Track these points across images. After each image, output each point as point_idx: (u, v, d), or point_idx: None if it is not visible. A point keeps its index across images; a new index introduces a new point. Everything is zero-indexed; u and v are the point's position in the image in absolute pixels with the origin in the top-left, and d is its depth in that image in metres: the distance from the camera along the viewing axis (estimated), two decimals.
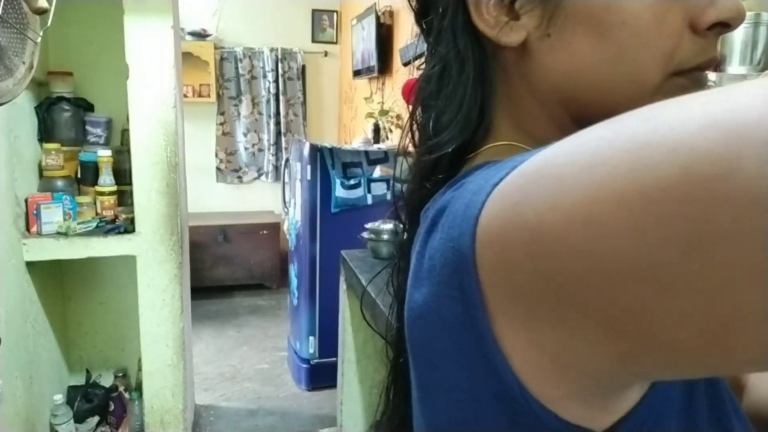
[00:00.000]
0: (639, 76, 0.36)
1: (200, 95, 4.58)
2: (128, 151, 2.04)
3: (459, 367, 0.32)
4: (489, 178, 0.30)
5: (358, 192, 2.80)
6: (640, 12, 0.34)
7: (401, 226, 0.47)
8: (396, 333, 0.47)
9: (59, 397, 2.10)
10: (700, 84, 0.37)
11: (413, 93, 0.45)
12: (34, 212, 1.95)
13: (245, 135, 4.78)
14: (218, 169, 4.80)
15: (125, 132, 2.17)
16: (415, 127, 0.44)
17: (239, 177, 4.83)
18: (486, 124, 0.41)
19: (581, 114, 0.38)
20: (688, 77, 0.36)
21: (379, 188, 2.84)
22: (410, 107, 0.46)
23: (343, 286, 2.10)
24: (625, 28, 0.35)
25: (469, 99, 0.40)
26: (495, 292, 0.29)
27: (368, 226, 2.08)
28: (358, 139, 3.49)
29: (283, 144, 4.76)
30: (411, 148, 0.46)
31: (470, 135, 0.41)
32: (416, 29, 0.46)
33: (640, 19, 0.34)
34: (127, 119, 2.02)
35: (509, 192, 0.28)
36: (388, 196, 2.78)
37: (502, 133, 0.41)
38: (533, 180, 0.27)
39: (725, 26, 0.35)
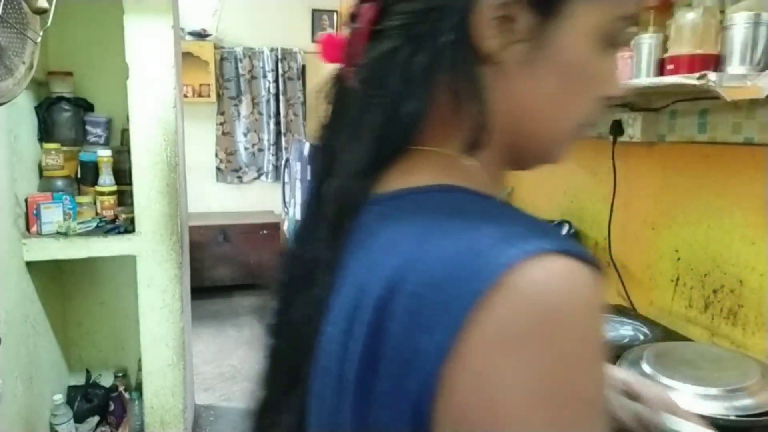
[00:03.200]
0: (567, 123, 0.46)
1: (200, 95, 4.58)
2: (128, 151, 2.04)
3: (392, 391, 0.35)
4: (485, 238, 0.33)
5: None
6: (590, 76, 0.44)
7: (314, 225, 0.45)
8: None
9: (59, 397, 2.10)
10: (587, 132, 0.47)
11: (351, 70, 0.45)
12: (34, 212, 1.94)
13: (245, 135, 4.78)
14: (218, 169, 4.80)
15: (125, 132, 2.16)
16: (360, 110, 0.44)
17: (239, 177, 4.83)
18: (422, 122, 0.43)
19: (517, 137, 0.45)
20: (581, 128, 0.47)
21: None
22: (344, 69, 0.46)
23: None
24: (580, 86, 0.44)
25: (423, 97, 0.42)
26: (447, 409, 0.32)
27: None
28: None
29: (283, 144, 4.76)
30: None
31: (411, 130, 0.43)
32: None
33: (589, 83, 0.44)
34: (127, 119, 2.02)
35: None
36: None
37: (437, 134, 0.43)
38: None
39: (613, 99, 0.46)
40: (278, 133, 4.79)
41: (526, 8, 0.40)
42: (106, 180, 2.08)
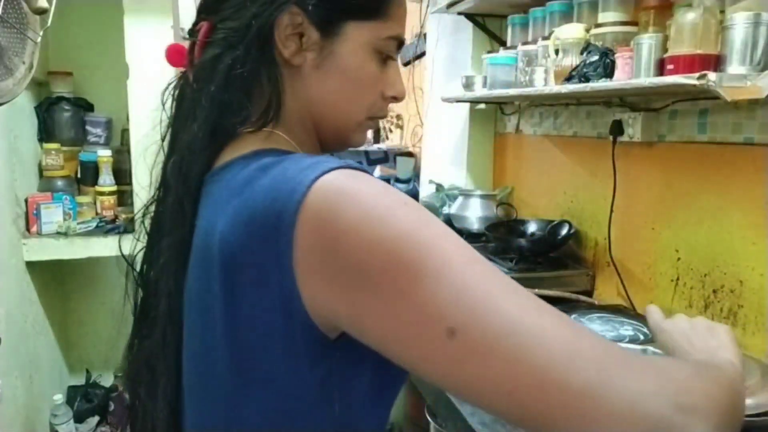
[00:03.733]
0: (354, 114, 0.61)
1: None
2: (128, 151, 2.04)
3: (257, 288, 0.46)
4: (303, 171, 0.45)
5: None
6: (366, 79, 0.59)
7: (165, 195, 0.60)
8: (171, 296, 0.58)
9: (59, 397, 2.10)
10: (375, 124, 0.66)
11: (191, 67, 0.60)
12: (34, 212, 1.95)
13: None
14: None
15: (125, 132, 2.16)
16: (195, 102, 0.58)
17: None
18: (246, 111, 0.56)
19: (317, 124, 0.60)
20: (371, 120, 0.62)
21: None
22: (190, 74, 0.60)
23: None
24: (360, 87, 0.59)
25: (243, 92, 0.55)
26: (307, 256, 0.43)
27: None
28: None
29: None
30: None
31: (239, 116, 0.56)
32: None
33: (369, 85, 0.59)
34: (127, 119, 2.02)
35: (335, 205, 0.43)
36: None
37: (260, 121, 0.57)
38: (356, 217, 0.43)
39: (395, 99, 0.62)
40: None
41: (311, 27, 0.55)
42: (106, 180, 2.08)
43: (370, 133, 3.55)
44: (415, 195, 2.71)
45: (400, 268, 0.41)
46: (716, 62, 1.10)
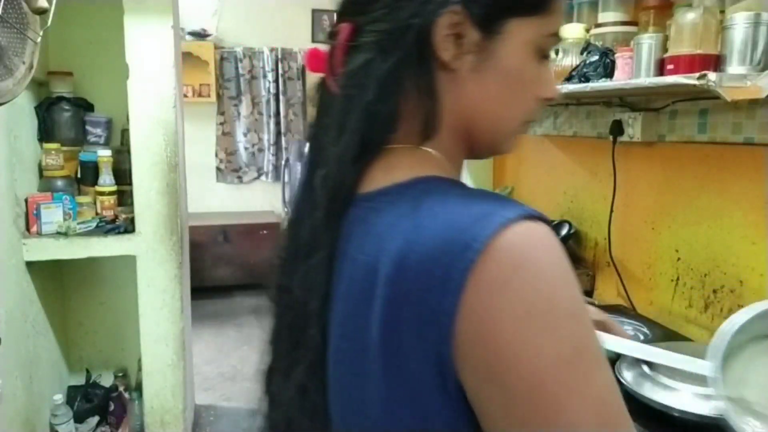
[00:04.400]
0: (512, 120, 0.56)
1: (200, 95, 4.58)
2: (128, 151, 2.04)
3: (416, 338, 0.44)
4: (477, 221, 0.42)
5: None
6: (527, 81, 0.54)
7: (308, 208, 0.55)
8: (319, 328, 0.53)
9: (59, 397, 2.10)
10: (527, 129, 0.59)
11: (331, 74, 0.56)
12: (34, 212, 1.95)
13: (245, 135, 4.78)
14: (218, 169, 4.80)
15: (125, 132, 2.16)
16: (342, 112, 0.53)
17: (239, 177, 4.83)
18: (399, 123, 0.53)
19: (469, 133, 0.55)
20: (525, 125, 0.57)
21: None
22: (330, 79, 0.56)
23: None
24: (520, 89, 0.54)
25: (394, 101, 0.52)
26: (464, 350, 0.42)
27: None
28: None
29: (283, 144, 4.75)
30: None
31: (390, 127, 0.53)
32: None
33: (528, 87, 0.54)
34: (127, 119, 2.02)
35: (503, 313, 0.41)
36: None
37: (407, 132, 0.53)
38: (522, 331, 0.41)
39: (550, 100, 0.58)
40: (278, 133, 4.79)
41: (472, 27, 0.51)
42: (106, 180, 2.08)
43: None
44: None
45: (533, 398, 0.40)
46: (716, 62, 1.10)
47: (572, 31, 1.48)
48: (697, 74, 1.02)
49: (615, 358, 1.08)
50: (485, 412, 0.42)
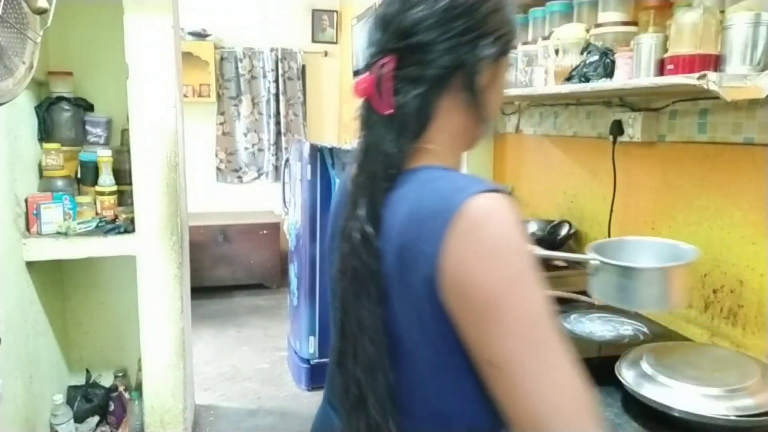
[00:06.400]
0: (495, 115, 0.78)
1: (200, 95, 4.58)
2: (128, 151, 2.04)
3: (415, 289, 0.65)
4: (462, 189, 0.63)
5: None
6: (500, 95, 0.78)
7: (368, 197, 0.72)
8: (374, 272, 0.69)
9: (59, 397, 2.10)
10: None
11: (376, 100, 0.72)
12: (34, 212, 1.95)
13: (245, 135, 4.78)
14: (218, 169, 4.80)
15: (125, 132, 2.16)
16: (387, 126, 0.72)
17: (239, 177, 4.83)
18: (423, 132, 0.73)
19: (473, 133, 0.77)
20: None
21: None
22: (372, 103, 0.72)
23: None
24: (500, 98, 0.79)
25: (430, 115, 0.72)
26: (451, 237, 0.61)
27: None
28: None
29: (283, 144, 4.75)
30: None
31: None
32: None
33: (499, 99, 0.78)
34: (127, 119, 2.02)
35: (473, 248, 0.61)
36: None
37: (434, 138, 0.72)
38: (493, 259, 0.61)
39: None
40: (278, 133, 4.79)
41: (490, 66, 0.71)
42: (106, 180, 2.08)
43: None
44: None
45: (489, 306, 0.60)
46: (716, 62, 1.10)
47: (572, 31, 1.48)
48: (697, 74, 1.02)
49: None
50: (458, 316, 0.62)
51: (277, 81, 4.70)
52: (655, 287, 1.04)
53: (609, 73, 1.33)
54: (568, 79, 1.42)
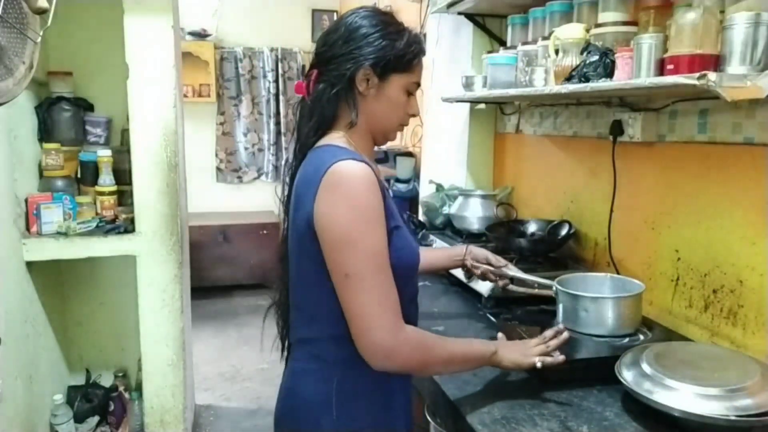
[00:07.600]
0: (391, 124, 1.08)
1: (200, 95, 4.58)
2: (128, 151, 2.04)
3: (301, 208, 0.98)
4: (334, 156, 0.95)
5: None
6: (399, 105, 1.06)
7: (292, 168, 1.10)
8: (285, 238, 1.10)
9: (59, 397, 2.11)
10: (402, 129, 1.12)
11: (308, 95, 1.06)
12: (34, 212, 1.95)
13: (245, 135, 4.78)
14: (218, 169, 4.80)
15: (125, 132, 2.16)
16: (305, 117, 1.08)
17: (239, 177, 4.83)
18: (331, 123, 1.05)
19: (372, 129, 1.06)
20: (401, 126, 1.10)
21: None
22: (305, 100, 1.07)
23: None
24: (395, 109, 1.06)
25: (334, 109, 1.04)
26: (320, 192, 0.93)
27: None
28: None
29: (283, 144, 4.76)
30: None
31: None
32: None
33: (398, 107, 1.06)
34: (127, 119, 2.02)
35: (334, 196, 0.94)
36: None
37: (339, 129, 1.04)
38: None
39: (414, 116, 1.10)
40: (278, 133, 4.79)
41: (374, 76, 1.02)
42: (106, 180, 2.08)
43: None
44: (415, 195, 2.71)
45: (337, 243, 0.92)
46: (716, 62, 1.10)
47: (572, 31, 1.48)
48: (697, 74, 1.02)
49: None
50: (323, 243, 0.93)
51: (277, 81, 4.70)
52: (601, 314, 1.29)
53: (609, 73, 1.33)
54: (568, 79, 1.42)
